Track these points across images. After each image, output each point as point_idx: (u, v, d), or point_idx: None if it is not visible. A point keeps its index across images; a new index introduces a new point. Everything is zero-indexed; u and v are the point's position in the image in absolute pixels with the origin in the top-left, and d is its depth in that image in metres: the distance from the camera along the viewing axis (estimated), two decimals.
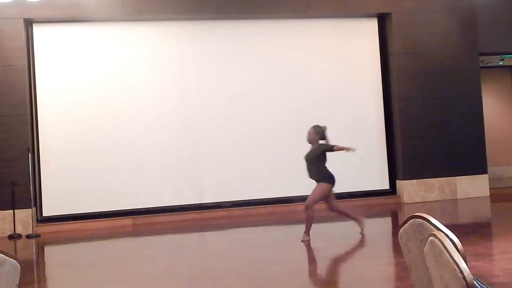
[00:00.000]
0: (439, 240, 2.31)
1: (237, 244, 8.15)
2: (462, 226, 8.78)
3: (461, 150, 11.52)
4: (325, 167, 8.02)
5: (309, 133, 8.19)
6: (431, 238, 2.39)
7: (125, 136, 10.71)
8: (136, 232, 9.94)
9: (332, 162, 11.46)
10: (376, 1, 11.48)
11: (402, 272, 6.01)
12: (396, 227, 9.50)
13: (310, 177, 8.05)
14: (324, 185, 7.92)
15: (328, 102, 11.51)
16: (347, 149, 7.75)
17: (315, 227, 9.42)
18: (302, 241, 7.74)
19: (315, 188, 7.95)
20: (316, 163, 8.00)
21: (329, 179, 7.94)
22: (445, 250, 2.24)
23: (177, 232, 9.80)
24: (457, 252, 2.22)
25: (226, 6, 10.91)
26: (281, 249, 7.13)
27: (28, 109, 10.28)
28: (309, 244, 7.72)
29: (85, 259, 7.86)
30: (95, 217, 10.50)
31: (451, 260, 2.19)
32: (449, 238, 2.36)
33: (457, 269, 2.15)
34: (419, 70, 11.48)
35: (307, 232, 7.87)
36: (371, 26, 11.79)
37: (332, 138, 11.67)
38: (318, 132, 8.15)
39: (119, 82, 10.80)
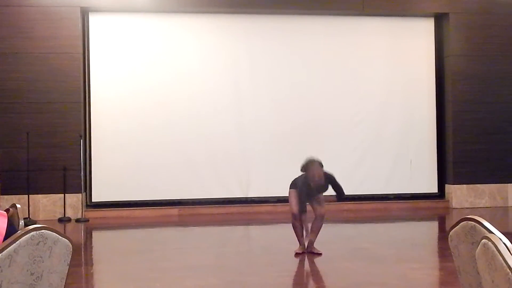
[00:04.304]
0: (493, 243, 2.26)
1: (281, 239, 8.15)
2: None
3: None
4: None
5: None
6: (484, 240, 2.34)
7: (175, 128, 10.80)
8: (182, 222, 10.05)
9: (381, 162, 11.43)
10: (434, 1, 11.24)
11: (448, 277, 5.92)
12: (443, 231, 9.34)
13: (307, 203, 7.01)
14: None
15: (379, 102, 11.37)
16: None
17: (360, 227, 9.36)
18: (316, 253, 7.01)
19: (321, 197, 7.14)
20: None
21: None
22: (498, 254, 2.19)
23: (222, 225, 9.87)
24: (511, 256, 2.17)
25: (281, 1, 10.89)
26: (326, 248, 7.09)
27: (82, 96, 10.48)
28: (354, 244, 7.67)
29: (131, 246, 8.00)
30: (142, 205, 10.65)
31: (505, 264, 2.14)
32: (502, 242, 2.31)
33: (510, 273, 2.10)
34: (476, 73, 11.20)
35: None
36: (427, 26, 11.58)
37: (382, 138, 11.61)
38: None
39: (171, 75, 10.90)
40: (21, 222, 3.40)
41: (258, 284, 5.74)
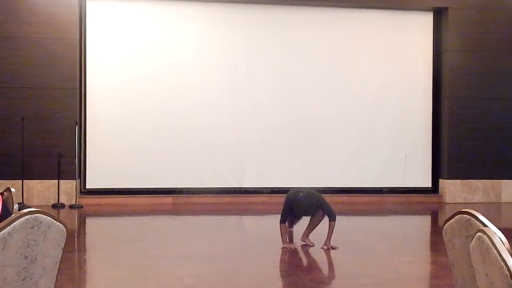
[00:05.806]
0: (488, 236, 2.26)
1: (275, 229, 8.14)
2: (506, 230, 8.57)
3: (509, 153, 11.25)
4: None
5: None
6: (479, 234, 2.34)
7: (171, 116, 10.77)
8: (175, 211, 10.05)
9: (376, 156, 11.43)
10: None
11: (440, 271, 5.94)
12: (436, 226, 9.37)
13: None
14: None
15: (375, 96, 11.37)
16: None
17: (354, 219, 9.40)
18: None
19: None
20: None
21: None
22: (493, 247, 2.20)
23: (216, 214, 9.87)
24: (505, 250, 2.17)
25: None
26: (320, 239, 7.09)
27: (78, 83, 10.43)
28: (347, 237, 7.69)
29: (124, 233, 8.00)
30: (137, 193, 10.64)
31: (499, 258, 2.14)
32: (497, 236, 2.31)
33: (504, 266, 2.10)
34: (473, 69, 11.20)
35: None
36: (425, 21, 11.55)
37: (378, 132, 11.60)
38: None
39: (168, 62, 10.86)
40: (16, 206, 3.39)
41: (250, 274, 5.75)
